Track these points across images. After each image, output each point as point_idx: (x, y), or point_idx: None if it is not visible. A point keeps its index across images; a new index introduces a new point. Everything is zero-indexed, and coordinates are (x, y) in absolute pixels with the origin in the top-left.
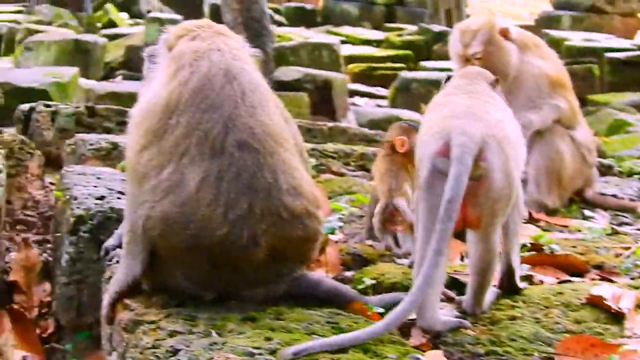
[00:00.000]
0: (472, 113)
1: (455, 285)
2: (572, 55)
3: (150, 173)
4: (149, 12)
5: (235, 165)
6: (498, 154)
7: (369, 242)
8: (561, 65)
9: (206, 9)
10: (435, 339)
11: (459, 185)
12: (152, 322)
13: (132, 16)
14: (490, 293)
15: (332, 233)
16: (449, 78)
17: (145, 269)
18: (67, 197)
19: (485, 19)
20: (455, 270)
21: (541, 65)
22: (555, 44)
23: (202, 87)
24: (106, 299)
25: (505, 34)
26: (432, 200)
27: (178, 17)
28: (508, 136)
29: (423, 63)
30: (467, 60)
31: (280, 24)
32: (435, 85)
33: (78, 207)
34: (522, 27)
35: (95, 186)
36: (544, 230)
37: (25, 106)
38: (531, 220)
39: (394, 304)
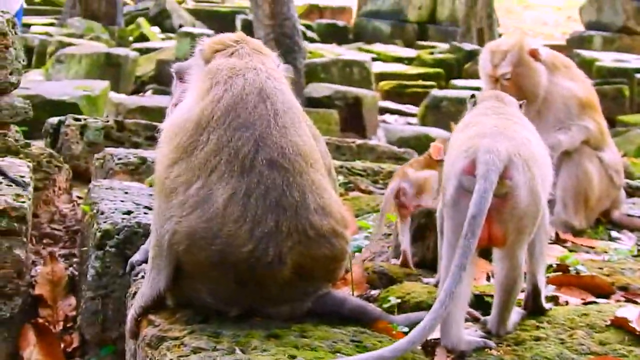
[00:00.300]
0: (499, 132)
1: (481, 305)
2: (602, 76)
3: (178, 188)
4: (180, 26)
5: (264, 183)
6: (524, 172)
7: (395, 260)
8: (590, 86)
9: (238, 24)
10: (459, 359)
11: (484, 202)
12: (176, 339)
13: (163, 30)
14: (516, 314)
15: (359, 251)
16: (473, 96)
17: (170, 284)
18: (94, 211)
19: (515, 40)
20: (481, 291)
21: (570, 86)
22: (586, 64)
23: (235, 106)
24: (131, 314)
25: (534, 54)
26: (457, 217)
27: (210, 32)
28: (534, 155)
29: (454, 81)
30: (496, 80)
31: (312, 41)
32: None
33: (105, 222)
34: (553, 47)
35: (123, 201)
36: (571, 250)
37: (54, 119)
38: (558, 240)
39: (419, 322)
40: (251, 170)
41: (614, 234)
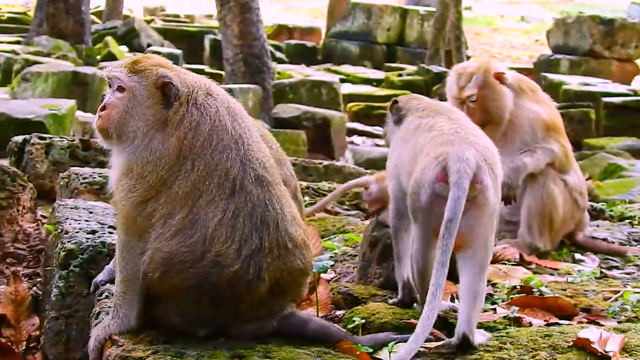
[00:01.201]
0: (463, 139)
1: (445, 326)
2: (569, 99)
3: (155, 224)
4: (149, 45)
5: (251, 201)
6: (490, 175)
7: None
8: (556, 110)
9: (207, 44)
10: None
11: (458, 206)
12: (140, 359)
13: (131, 49)
14: (481, 335)
15: (324, 272)
16: (395, 102)
17: (141, 319)
18: (59, 230)
19: (481, 63)
20: (445, 312)
21: (536, 109)
22: (553, 87)
23: (214, 129)
24: (93, 343)
25: (500, 78)
26: (429, 221)
27: (178, 51)
28: (494, 156)
29: None
30: (462, 102)
31: (280, 61)
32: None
33: (69, 241)
34: (521, 70)
35: (87, 220)
36: (535, 272)
37: (19, 138)
38: (522, 262)
39: (384, 343)
40: (241, 189)
41: (577, 256)
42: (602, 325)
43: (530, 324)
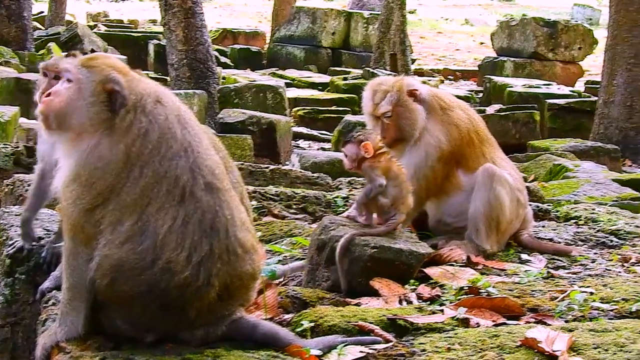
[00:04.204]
0: None
1: (394, 328)
2: (514, 101)
3: (104, 230)
4: (92, 51)
5: (201, 208)
6: None
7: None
8: (470, 126)
9: (151, 49)
10: None
11: None
12: None
13: None
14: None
15: (273, 276)
16: None
17: (88, 326)
18: (3, 238)
19: (396, 80)
20: (394, 314)
21: (438, 137)
22: (498, 89)
23: (164, 137)
24: (40, 350)
25: (413, 94)
26: None
27: (122, 57)
28: None
29: None
30: (377, 118)
31: (225, 66)
32: None
33: (14, 249)
34: (465, 72)
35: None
36: (482, 273)
37: None
38: (469, 263)
39: (333, 346)
40: (191, 196)
41: (524, 256)
42: (550, 324)
43: (478, 325)
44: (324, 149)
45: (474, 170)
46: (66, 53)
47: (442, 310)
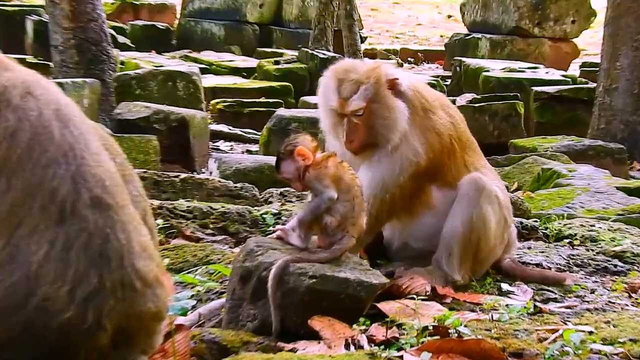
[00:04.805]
0: None
1: None
2: (491, 89)
3: None
4: None
5: (87, 229)
6: None
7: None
8: (453, 135)
9: (29, 27)
10: None
11: None
12: None
13: None
14: None
15: (184, 314)
16: None
17: None
18: None
19: (370, 67)
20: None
21: (417, 148)
22: (470, 75)
23: (37, 137)
24: None
25: (393, 86)
26: None
27: None
28: None
29: (305, 98)
30: (343, 116)
31: (124, 47)
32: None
33: None
34: (429, 53)
35: None
36: (451, 309)
37: None
38: (435, 296)
39: None
40: (72, 215)
41: (505, 286)
42: None
43: None
44: (250, 152)
45: (451, 185)
46: None
47: (400, 357)
